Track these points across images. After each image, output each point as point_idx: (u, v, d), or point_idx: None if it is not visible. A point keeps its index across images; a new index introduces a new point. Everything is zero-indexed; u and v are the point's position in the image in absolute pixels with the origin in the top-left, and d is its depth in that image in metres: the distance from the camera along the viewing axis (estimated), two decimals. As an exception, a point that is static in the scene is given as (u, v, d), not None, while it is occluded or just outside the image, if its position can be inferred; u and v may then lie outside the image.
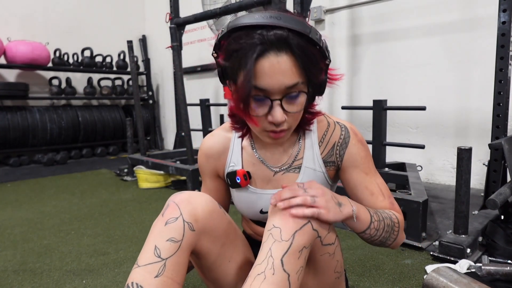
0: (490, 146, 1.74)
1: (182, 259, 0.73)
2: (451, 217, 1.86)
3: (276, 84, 0.67)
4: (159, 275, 0.70)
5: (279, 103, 0.70)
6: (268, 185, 0.88)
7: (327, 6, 3.13)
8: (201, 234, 0.77)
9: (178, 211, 0.75)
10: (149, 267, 0.70)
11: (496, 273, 1.20)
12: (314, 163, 0.86)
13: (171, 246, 0.72)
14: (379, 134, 2.16)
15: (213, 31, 3.29)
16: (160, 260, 0.71)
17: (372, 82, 2.96)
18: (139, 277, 0.70)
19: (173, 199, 0.78)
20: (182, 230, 0.73)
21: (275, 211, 0.70)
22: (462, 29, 2.50)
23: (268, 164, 0.88)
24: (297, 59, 0.67)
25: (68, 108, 4.27)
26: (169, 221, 0.74)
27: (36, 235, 1.79)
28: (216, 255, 0.82)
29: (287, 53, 0.66)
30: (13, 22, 4.10)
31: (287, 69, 0.67)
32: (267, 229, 0.70)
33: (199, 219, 0.76)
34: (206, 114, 3.21)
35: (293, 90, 0.69)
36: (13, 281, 1.32)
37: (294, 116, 0.74)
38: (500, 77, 1.78)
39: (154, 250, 0.71)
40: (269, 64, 0.66)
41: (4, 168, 3.79)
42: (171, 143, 4.74)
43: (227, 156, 0.91)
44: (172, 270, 0.71)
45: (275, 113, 0.70)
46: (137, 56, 4.96)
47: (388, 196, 0.85)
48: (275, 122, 0.71)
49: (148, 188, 2.74)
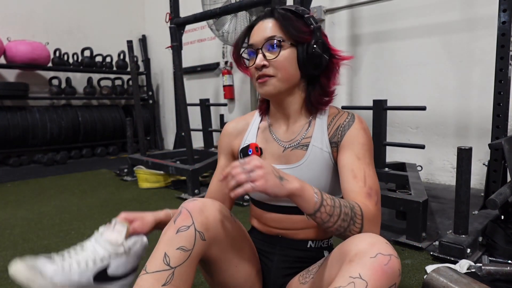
0: (490, 146, 1.74)
1: (191, 268, 0.75)
2: (451, 217, 1.86)
3: (259, 38, 0.87)
4: (167, 284, 0.71)
5: (260, 51, 0.87)
6: (277, 160, 0.93)
7: (327, 6, 3.13)
8: (211, 243, 0.79)
9: (191, 219, 0.76)
10: (157, 275, 0.71)
11: (496, 273, 1.20)
12: (322, 143, 0.90)
13: (181, 255, 0.73)
14: (379, 134, 2.16)
15: (213, 31, 3.29)
16: (169, 268, 0.72)
17: (372, 82, 2.96)
18: (147, 284, 0.71)
19: (186, 206, 0.79)
20: (193, 239, 0.74)
21: (364, 257, 0.66)
22: (462, 29, 2.50)
23: (279, 141, 0.94)
24: (278, 21, 0.86)
25: (68, 108, 4.27)
26: (180, 229, 0.74)
27: (36, 235, 1.79)
28: (224, 261, 0.84)
29: (271, 18, 0.87)
30: (13, 22, 4.10)
31: (268, 28, 0.87)
32: (349, 274, 0.65)
33: (210, 228, 0.78)
34: (206, 114, 3.21)
35: (271, 41, 0.85)
36: (13, 281, 1.31)
37: (277, 66, 0.86)
38: (500, 77, 1.78)
39: (163, 258, 0.72)
40: (257, 26, 0.89)
41: (4, 168, 3.79)
42: (171, 143, 4.74)
43: (244, 136, 1.00)
44: (180, 279, 0.72)
45: (256, 59, 0.86)
46: (137, 56, 4.96)
47: (369, 187, 0.81)
48: (256, 66, 0.86)
49: (148, 188, 2.74)
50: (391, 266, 0.65)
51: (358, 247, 0.68)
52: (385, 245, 0.68)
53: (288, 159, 0.92)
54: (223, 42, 3.38)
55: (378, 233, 0.78)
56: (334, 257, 0.75)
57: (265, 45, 0.86)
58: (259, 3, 2.51)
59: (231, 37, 3.19)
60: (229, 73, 3.95)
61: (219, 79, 4.19)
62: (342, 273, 0.67)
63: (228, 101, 4.10)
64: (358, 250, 0.67)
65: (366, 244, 0.68)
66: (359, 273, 0.64)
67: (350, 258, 0.67)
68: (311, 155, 0.89)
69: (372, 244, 0.67)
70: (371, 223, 0.77)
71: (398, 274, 0.66)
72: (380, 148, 2.18)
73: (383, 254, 0.66)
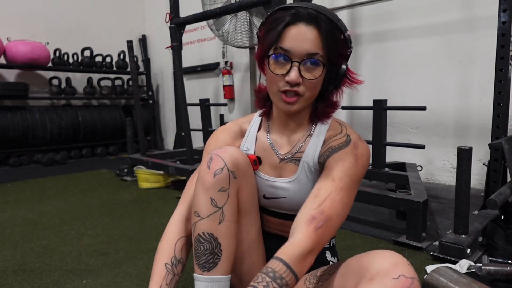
0: (490, 146, 1.74)
1: (234, 203, 0.84)
2: (451, 217, 1.86)
3: (298, 47, 0.79)
4: (222, 221, 0.82)
5: (297, 65, 0.80)
6: (273, 172, 0.94)
7: (327, 6, 3.13)
8: (242, 182, 0.86)
9: (222, 161, 0.83)
10: (211, 218, 0.81)
11: (496, 273, 1.20)
12: (312, 160, 0.89)
13: (223, 195, 0.82)
14: (379, 134, 2.16)
15: (213, 31, 3.29)
16: (218, 209, 0.82)
17: (372, 82, 2.96)
18: (206, 226, 0.81)
19: (215, 152, 0.85)
20: (227, 178, 0.82)
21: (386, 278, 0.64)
22: (462, 29, 2.50)
23: (276, 151, 0.94)
24: (322, 34, 0.79)
25: (68, 108, 4.27)
26: (216, 172, 0.82)
27: (36, 235, 1.79)
28: (246, 213, 0.91)
29: (315, 27, 0.79)
30: (13, 22, 4.10)
31: (312, 39, 0.79)
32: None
33: (240, 167, 0.85)
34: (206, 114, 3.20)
35: (313, 59, 0.80)
36: (13, 281, 1.32)
37: (309, 86, 0.82)
38: (500, 77, 1.78)
39: (211, 202, 0.81)
40: (297, 31, 0.79)
41: (4, 168, 3.79)
42: (171, 143, 4.74)
43: (242, 141, 0.99)
44: (229, 214, 0.83)
45: (292, 72, 0.79)
46: (137, 56, 4.96)
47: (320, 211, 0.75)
48: (291, 81, 0.80)
49: (148, 188, 2.74)
50: None
51: (380, 266, 0.66)
52: (408, 267, 0.66)
53: (283, 172, 0.93)
54: (223, 42, 3.38)
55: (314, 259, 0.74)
56: (350, 270, 0.73)
57: (305, 61, 0.80)
58: (259, 3, 2.51)
59: (231, 37, 3.19)
60: (229, 73, 3.94)
61: (219, 79, 4.19)
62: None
63: (228, 101, 4.10)
64: (380, 269, 0.65)
65: (389, 264, 0.66)
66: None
67: (371, 276, 0.65)
68: (302, 171, 0.90)
69: (395, 265, 0.66)
70: (303, 261, 0.71)
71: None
72: (380, 148, 2.18)
73: (406, 276, 0.65)
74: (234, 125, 1.01)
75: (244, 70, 3.93)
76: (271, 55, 0.82)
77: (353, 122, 3.09)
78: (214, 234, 0.81)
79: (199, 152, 3.22)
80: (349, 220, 1.90)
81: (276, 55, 0.81)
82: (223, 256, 0.82)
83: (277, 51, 0.81)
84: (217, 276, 0.81)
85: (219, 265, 0.81)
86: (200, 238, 0.82)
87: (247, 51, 3.53)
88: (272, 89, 0.85)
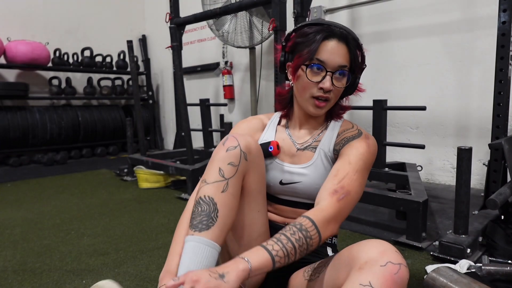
0: (490, 146, 1.74)
1: (239, 180, 0.88)
2: (451, 217, 1.86)
3: (333, 60, 0.91)
4: (225, 191, 0.85)
5: (331, 74, 0.92)
6: (291, 159, 1.02)
7: (327, 6, 3.13)
8: (251, 166, 0.91)
9: (237, 142, 0.89)
10: (216, 184, 0.85)
11: (496, 273, 1.20)
12: (328, 148, 0.99)
13: (231, 169, 0.87)
14: (379, 134, 2.16)
15: (213, 31, 3.29)
16: (224, 179, 0.86)
17: (372, 82, 2.96)
18: (210, 191, 0.85)
19: (232, 133, 0.93)
20: (239, 157, 0.88)
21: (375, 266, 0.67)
22: (462, 29, 2.50)
23: (294, 141, 1.04)
24: (350, 51, 0.93)
25: (68, 108, 4.27)
26: (229, 149, 0.88)
27: (36, 235, 1.79)
28: (253, 198, 0.94)
29: (345, 44, 0.92)
30: (13, 22, 4.10)
31: (343, 54, 0.92)
32: (360, 282, 0.67)
33: (251, 151, 0.90)
34: (206, 114, 3.21)
35: (343, 71, 0.92)
36: (13, 281, 1.32)
37: (336, 93, 0.95)
38: (500, 77, 1.78)
39: (219, 171, 0.86)
40: (332, 45, 0.91)
41: (4, 168, 3.79)
42: (171, 143, 4.74)
43: (262, 133, 1.09)
44: (232, 187, 0.86)
45: (326, 81, 0.91)
46: (137, 56, 4.96)
47: (340, 186, 0.85)
48: (325, 88, 0.91)
49: (148, 188, 2.74)
50: (401, 276, 0.67)
51: (368, 255, 0.69)
52: (395, 253, 0.69)
53: (300, 159, 1.01)
54: (223, 42, 3.38)
55: (337, 228, 0.84)
56: (342, 260, 0.76)
57: (337, 71, 0.92)
58: (259, 3, 2.51)
59: (231, 37, 3.19)
60: (229, 73, 3.94)
61: (219, 79, 4.19)
62: (352, 279, 0.69)
63: (228, 101, 4.10)
64: (368, 258, 0.69)
65: (376, 252, 0.69)
66: (370, 281, 0.66)
67: (360, 265, 0.69)
68: (318, 157, 0.99)
69: (382, 253, 0.69)
70: (327, 224, 0.80)
71: (406, 283, 0.68)
72: (380, 148, 2.18)
73: (393, 263, 0.68)
74: (255, 119, 1.12)
75: (244, 70, 3.93)
76: (309, 65, 0.92)
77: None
78: (215, 199, 0.84)
79: (199, 152, 3.23)
80: (349, 220, 1.90)
81: (314, 65, 0.92)
82: (218, 222, 0.83)
83: (314, 62, 0.91)
84: (207, 239, 0.80)
85: (211, 229, 0.82)
86: (200, 200, 0.85)
87: (247, 51, 3.53)
88: (304, 95, 0.96)
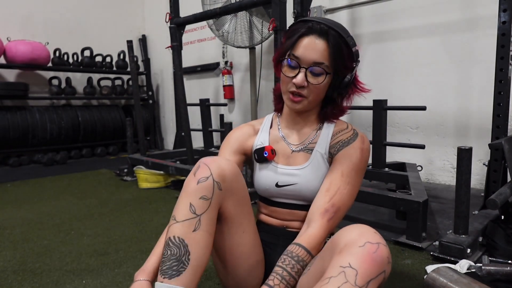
0: (490, 146, 1.74)
1: (213, 214, 0.84)
2: (451, 217, 1.86)
3: (307, 56, 0.90)
4: (197, 229, 0.80)
5: (304, 70, 0.91)
6: (286, 161, 1.02)
7: (327, 6, 3.13)
8: (227, 194, 0.86)
9: (209, 171, 0.84)
10: (186, 223, 0.80)
11: (496, 273, 1.20)
12: (323, 149, 0.99)
13: (203, 203, 0.81)
14: (379, 134, 2.16)
15: (213, 31, 3.29)
16: (195, 216, 0.81)
17: (372, 82, 2.96)
18: (179, 231, 0.80)
19: (204, 161, 0.87)
20: (211, 188, 0.83)
21: (353, 247, 0.69)
22: (462, 29, 2.50)
23: (288, 143, 1.03)
24: (330, 47, 0.89)
25: (68, 108, 4.26)
26: (200, 180, 0.83)
27: (36, 235, 1.79)
28: (235, 221, 0.91)
29: (325, 41, 0.90)
30: (13, 22, 4.10)
31: (320, 50, 0.89)
32: (340, 264, 0.69)
33: (226, 179, 0.85)
34: (206, 114, 3.21)
35: (318, 67, 0.90)
36: (13, 281, 1.32)
37: (313, 90, 0.93)
38: (500, 77, 1.78)
39: (189, 207, 0.81)
40: (308, 41, 0.90)
41: (4, 168, 3.79)
42: (171, 143, 4.74)
43: (255, 138, 1.08)
44: (206, 224, 0.81)
45: (299, 76, 0.91)
46: (137, 56, 4.95)
47: (331, 204, 0.90)
48: (296, 83, 0.91)
49: (148, 188, 2.74)
50: (380, 254, 0.69)
51: (347, 238, 0.72)
52: (373, 234, 0.72)
53: (295, 161, 1.01)
54: (223, 42, 3.38)
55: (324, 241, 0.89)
56: (327, 249, 0.79)
57: (311, 67, 0.91)
58: (259, 3, 2.51)
59: (231, 37, 3.19)
60: (229, 73, 3.94)
61: (219, 79, 4.19)
62: (333, 263, 0.71)
63: (228, 101, 4.10)
64: (347, 240, 0.71)
65: (355, 235, 0.72)
66: (349, 262, 0.68)
67: (340, 249, 0.71)
68: (314, 159, 0.99)
69: (360, 234, 0.71)
70: (319, 246, 0.87)
71: (387, 261, 0.70)
72: (380, 148, 2.18)
73: (371, 242, 0.70)
74: (247, 126, 1.11)
75: (244, 70, 3.93)
76: (284, 60, 0.94)
77: (353, 122, 3.09)
78: (186, 241, 0.78)
79: (199, 152, 3.23)
80: (349, 220, 1.90)
81: (288, 60, 0.92)
82: (190, 266, 0.78)
83: (290, 57, 0.92)
84: (178, 287, 0.76)
85: (183, 274, 0.76)
86: (170, 241, 0.79)
87: (247, 51, 3.53)
88: (282, 89, 0.97)
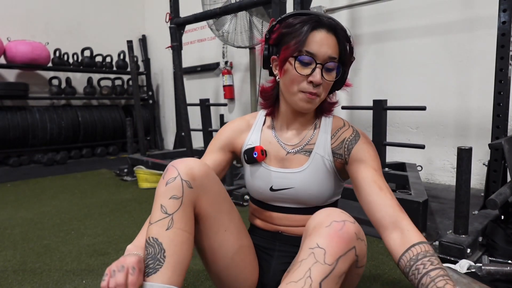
0: (490, 146, 1.74)
1: (187, 213, 0.83)
2: (451, 217, 1.86)
3: (322, 51, 0.85)
4: (170, 228, 0.80)
5: (321, 67, 0.85)
6: (280, 163, 0.97)
7: (327, 6, 3.13)
8: (199, 192, 0.85)
9: (176, 171, 0.83)
10: (159, 223, 0.80)
11: (496, 273, 1.20)
12: (324, 151, 0.94)
13: (174, 203, 0.81)
14: (379, 134, 2.16)
15: (213, 31, 3.29)
16: (167, 215, 0.81)
17: (372, 82, 2.96)
18: (153, 232, 0.80)
19: (171, 163, 0.87)
20: (180, 187, 0.82)
21: (320, 228, 0.71)
22: (462, 29, 2.50)
23: (282, 144, 0.98)
24: (339, 43, 0.87)
25: (68, 108, 4.26)
26: (169, 181, 0.83)
27: (36, 235, 1.79)
28: (214, 220, 0.89)
29: (335, 35, 0.86)
30: (13, 22, 4.10)
31: (333, 45, 0.86)
32: (309, 246, 0.71)
33: (196, 178, 0.84)
34: (206, 114, 3.20)
35: (332, 63, 0.86)
36: (13, 281, 1.32)
37: (325, 87, 0.89)
38: (500, 77, 1.78)
39: (161, 208, 0.81)
40: (321, 36, 0.85)
41: (4, 168, 3.79)
42: (171, 143, 4.74)
43: (247, 135, 1.02)
44: (179, 222, 0.81)
45: (316, 73, 0.85)
46: (137, 56, 4.96)
47: (396, 199, 0.86)
48: (315, 81, 0.85)
49: (148, 188, 2.74)
50: (346, 231, 0.70)
51: (315, 221, 0.74)
52: (339, 213, 0.73)
53: (290, 163, 0.96)
54: (223, 42, 3.38)
55: None
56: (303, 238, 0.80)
57: (326, 64, 0.86)
58: (259, 3, 2.51)
59: (231, 37, 3.19)
60: (229, 73, 3.94)
61: (219, 79, 4.19)
62: (303, 247, 0.73)
63: (228, 101, 4.10)
64: (315, 223, 0.74)
65: (322, 217, 0.74)
66: (317, 243, 0.70)
67: (309, 232, 0.74)
68: (313, 161, 0.93)
69: (327, 215, 0.73)
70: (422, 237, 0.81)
71: (355, 237, 0.71)
72: (380, 148, 2.18)
73: (337, 221, 0.72)
74: (240, 120, 1.06)
75: (244, 70, 3.93)
76: (297, 57, 0.85)
77: (353, 122, 3.09)
78: (159, 239, 0.79)
79: (199, 152, 3.23)
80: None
81: (303, 57, 0.85)
82: (167, 262, 0.78)
83: (302, 53, 0.85)
84: (155, 283, 0.76)
85: (159, 271, 0.77)
86: (146, 243, 0.80)
87: (247, 51, 3.53)
88: (292, 89, 0.89)
